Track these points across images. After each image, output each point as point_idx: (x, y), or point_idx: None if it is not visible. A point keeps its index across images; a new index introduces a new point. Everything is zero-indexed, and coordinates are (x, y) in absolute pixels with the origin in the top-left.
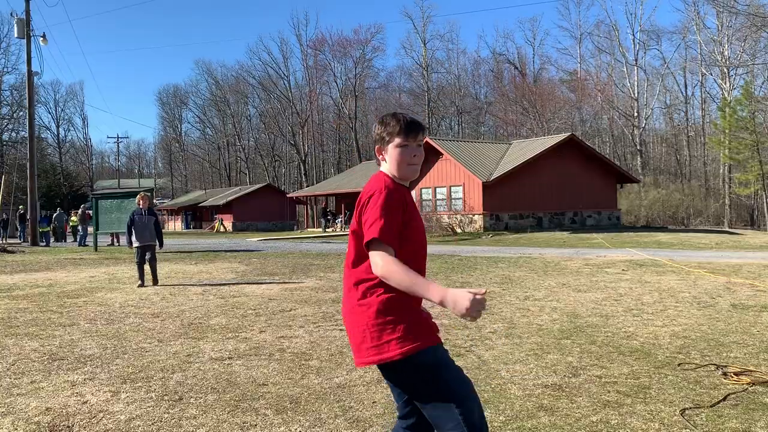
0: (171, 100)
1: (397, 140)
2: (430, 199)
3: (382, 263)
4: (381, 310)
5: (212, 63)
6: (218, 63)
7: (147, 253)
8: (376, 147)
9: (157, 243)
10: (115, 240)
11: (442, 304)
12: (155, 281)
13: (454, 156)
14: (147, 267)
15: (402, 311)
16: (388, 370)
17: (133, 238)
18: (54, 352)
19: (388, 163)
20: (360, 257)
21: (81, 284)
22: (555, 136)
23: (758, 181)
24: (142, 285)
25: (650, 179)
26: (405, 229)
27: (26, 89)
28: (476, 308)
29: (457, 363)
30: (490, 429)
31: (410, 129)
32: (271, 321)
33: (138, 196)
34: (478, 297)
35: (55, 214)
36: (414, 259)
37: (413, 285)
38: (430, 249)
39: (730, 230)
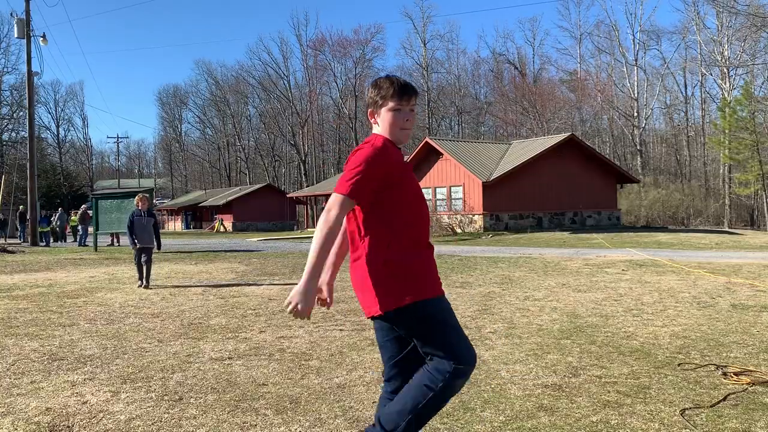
0: (171, 100)
1: (390, 104)
2: (430, 199)
3: (326, 217)
4: (385, 263)
5: (212, 63)
6: (218, 63)
7: (143, 255)
8: (369, 111)
9: (155, 245)
10: (115, 240)
11: (302, 281)
12: (147, 284)
13: (454, 156)
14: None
15: (408, 263)
16: (392, 319)
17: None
18: (54, 352)
19: (381, 127)
20: (362, 217)
21: (81, 284)
22: (555, 136)
23: (758, 181)
24: (141, 284)
25: (650, 179)
26: (395, 191)
27: (26, 89)
28: (299, 312)
29: None
30: (490, 429)
31: (404, 92)
32: (271, 321)
33: (137, 197)
34: (307, 311)
35: (57, 214)
36: (414, 224)
37: (314, 253)
38: None
39: (730, 230)
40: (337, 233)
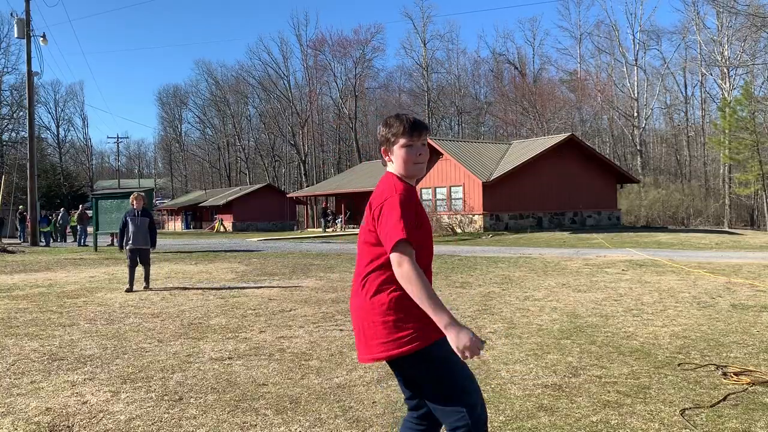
0: (171, 100)
1: (402, 141)
2: (430, 199)
3: (406, 267)
4: (393, 306)
5: (212, 63)
6: (218, 63)
7: (139, 258)
8: (382, 149)
9: (150, 245)
10: (115, 240)
11: (445, 329)
12: (147, 285)
13: (454, 156)
14: (139, 268)
15: (412, 307)
16: (399, 363)
17: (124, 241)
18: (54, 352)
19: (395, 163)
20: (372, 256)
21: (81, 284)
22: (555, 136)
23: (758, 181)
24: (130, 290)
25: (650, 179)
26: (416, 232)
27: (26, 89)
28: (474, 348)
29: None
30: (490, 429)
31: (414, 128)
32: (271, 321)
33: (131, 196)
34: (478, 341)
35: (60, 214)
36: (423, 261)
37: (428, 299)
38: None
39: (730, 230)
40: (421, 272)
